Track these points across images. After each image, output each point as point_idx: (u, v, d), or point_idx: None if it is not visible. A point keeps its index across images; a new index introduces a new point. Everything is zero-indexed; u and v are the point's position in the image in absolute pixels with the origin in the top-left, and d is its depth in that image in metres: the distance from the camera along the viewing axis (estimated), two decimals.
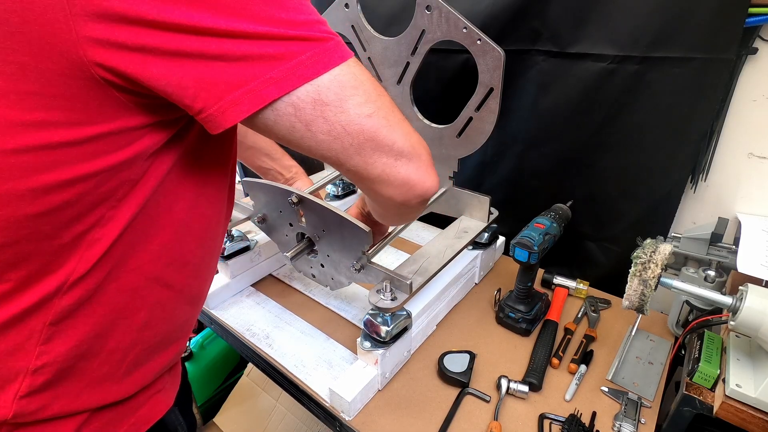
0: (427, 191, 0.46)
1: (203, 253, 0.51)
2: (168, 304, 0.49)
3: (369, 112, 0.40)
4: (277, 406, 1.36)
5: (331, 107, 0.38)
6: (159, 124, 0.39)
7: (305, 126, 0.38)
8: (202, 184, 0.47)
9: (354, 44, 0.90)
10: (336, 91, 0.38)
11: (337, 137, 0.39)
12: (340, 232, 0.71)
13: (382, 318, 0.71)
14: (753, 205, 0.83)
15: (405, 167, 0.43)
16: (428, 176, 0.46)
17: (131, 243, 0.42)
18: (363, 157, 0.41)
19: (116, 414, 0.49)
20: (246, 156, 0.87)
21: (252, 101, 0.36)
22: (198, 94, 0.35)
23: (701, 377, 0.64)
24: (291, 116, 0.38)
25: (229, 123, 0.37)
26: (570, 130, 0.94)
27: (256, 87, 0.36)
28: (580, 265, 1.05)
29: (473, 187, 0.95)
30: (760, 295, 0.57)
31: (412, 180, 0.44)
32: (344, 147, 0.40)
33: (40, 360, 0.42)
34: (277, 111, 0.37)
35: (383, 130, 0.41)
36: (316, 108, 0.38)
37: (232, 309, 0.93)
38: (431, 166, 0.46)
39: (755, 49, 0.74)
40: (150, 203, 0.42)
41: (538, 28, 0.89)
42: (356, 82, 0.39)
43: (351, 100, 0.39)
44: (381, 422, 0.70)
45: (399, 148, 0.42)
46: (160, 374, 0.54)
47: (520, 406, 0.73)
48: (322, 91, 0.38)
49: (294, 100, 0.37)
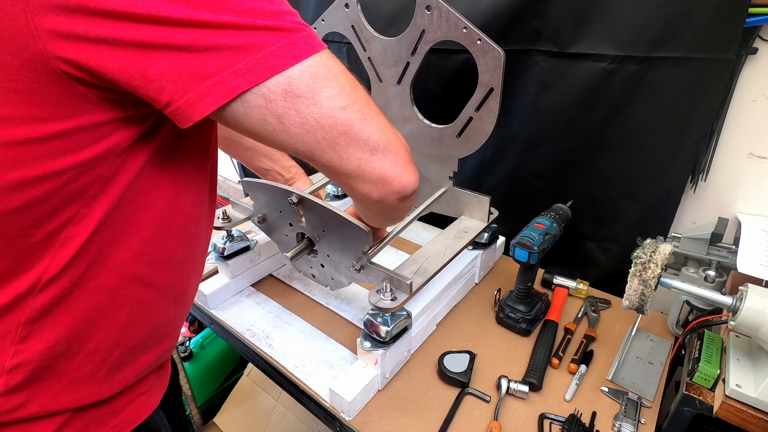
0: (404, 187, 0.45)
1: (185, 251, 0.50)
2: (150, 303, 0.48)
3: (342, 105, 0.39)
4: (277, 406, 1.36)
5: (303, 99, 0.37)
6: (129, 119, 0.38)
7: (277, 119, 0.38)
8: (179, 180, 0.46)
9: (354, 44, 0.90)
10: (308, 82, 0.37)
11: (310, 130, 0.39)
12: (340, 232, 0.71)
13: (382, 318, 0.71)
14: (753, 205, 0.83)
15: (381, 162, 0.42)
16: (406, 172, 0.44)
17: (108, 241, 0.42)
18: (337, 152, 0.40)
19: (98, 415, 0.49)
20: (245, 157, 0.87)
21: (220, 93, 0.35)
22: (164, 86, 0.34)
23: (701, 377, 0.64)
24: (262, 108, 0.37)
25: (198, 116, 0.36)
26: (570, 130, 0.94)
27: (224, 79, 0.35)
28: (580, 265, 1.05)
29: (473, 187, 0.95)
30: (760, 295, 0.57)
31: (388, 176, 0.43)
32: (317, 141, 0.39)
33: (15, 359, 0.41)
34: (247, 103, 0.36)
35: (357, 124, 0.40)
36: (288, 100, 0.37)
37: (232, 309, 0.93)
38: (410, 162, 0.45)
39: (755, 49, 0.74)
40: (125, 201, 0.41)
41: (538, 28, 0.89)
42: (329, 74, 0.38)
43: (324, 92, 0.38)
44: (381, 422, 0.70)
45: (374, 142, 0.41)
46: (144, 374, 0.53)
47: (520, 406, 0.73)
48: (294, 83, 0.37)
49: (264, 92, 0.36)
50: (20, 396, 0.43)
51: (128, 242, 0.43)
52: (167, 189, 0.45)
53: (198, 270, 0.56)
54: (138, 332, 0.49)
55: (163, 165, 0.43)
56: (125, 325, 0.47)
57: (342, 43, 1.17)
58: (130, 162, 0.40)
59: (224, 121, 0.38)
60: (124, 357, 0.48)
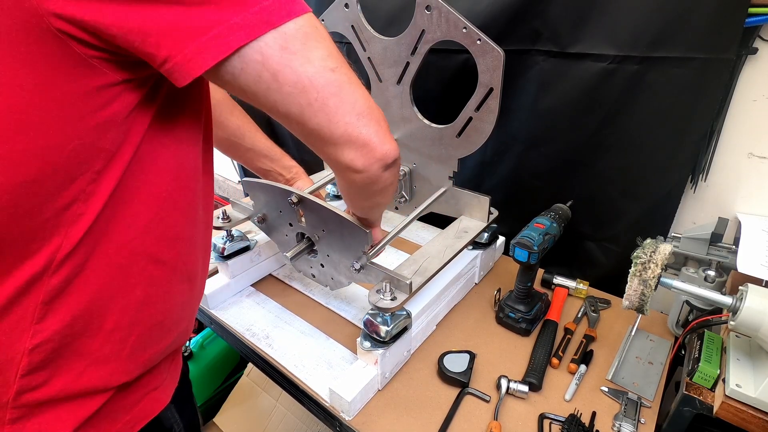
0: (386, 154, 0.46)
1: (192, 228, 0.51)
2: (163, 281, 0.49)
3: (333, 66, 0.40)
4: (277, 406, 1.36)
5: (298, 57, 0.38)
6: (127, 84, 0.38)
7: (272, 76, 0.38)
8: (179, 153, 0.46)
9: (354, 44, 0.90)
10: (302, 40, 0.38)
11: (303, 90, 0.39)
12: (340, 232, 0.71)
13: (381, 318, 0.71)
14: (753, 205, 0.83)
15: (366, 128, 0.44)
16: (387, 139, 0.46)
17: (116, 219, 0.42)
18: (327, 114, 0.41)
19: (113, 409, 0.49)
20: (246, 159, 0.87)
21: (219, 48, 0.35)
22: (161, 41, 0.34)
23: (701, 377, 0.64)
24: (258, 64, 0.37)
25: (196, 72, 0.35)
26: (570, 130, 0.94)
27: (221, 33, 0.35)
28: (580, 265, 1.05)
29: (473, 187, 0.95)
30: (760, 295, 0.57)
31: (372, 141, 0.45)
32: (309, 102, 0.40)
33: (35, 339, 0.42)
34: (244, 59, 0.36)
35: (346, 87, 0.41)
36: (284, 56, 0.37)
37: (232, 309, 0.93)
38: (388, 132, 0.47)
39: (755, 49, 0.74)
40: (129, 177, 0.42)
41: (538, 28, 0.89)
42: (319, 36, 0.39)
43: (316, 52, 0.39)
44: (381, 422, 0.70)
45: (361, 107, 0.43)
46: (163, 357, 0.54)
47: (520, 406, 0.73)
48: (289, 39, 0.37)
49: (262, 47, 0.36)
50: (43, 374, 0.44)
51: (136, 219, 0.44)
52: (168, 163, 0.45)
53: (205, 250, 0.57)
54: (153, 311, 0.49)
55: (163, 137, 0.43)
56: (140, 303, 0.47)
57: (342, 43, 1.17)
58: (131, 135, 0.40)
59: (220, 79, 0.38)
60: (144, 337, 0.49)
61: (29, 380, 0.43)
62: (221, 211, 0.91)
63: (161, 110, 0.42)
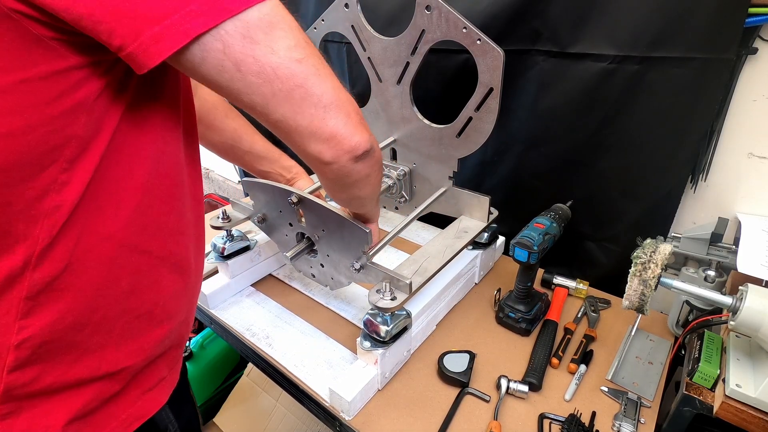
0: (356, 147, 0.45)
1: (179, 218, 0.50)
2: (151, 272, 0.48)
3: (299, 57, 0.39)
4: (277, 406, 1.36)
5: (261, 46, 0.37)
6: (94, 66, 0.36)
7: (234, 66, 0.37)
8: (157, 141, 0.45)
9: (354, 44, 0.90)
10: (265, 29, 0.37)
11: (267, 80, 0.38)
12: (340, 232, 0.71)
13: (381, 318, 0.71)
14: (753, 205, 0.83)
15: (333, 120, 0.43)
16: (357, 131, 0.45)
17: (96, 210, 0.41)
18: (292, 106, 0.40)
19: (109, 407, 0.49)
20: (245, 161, 0.86)
21: (175, 37, 0.34)
22: (114, 28, 0.32)
23: (701, 377, 0.64)
24: (219, 53, 0.36)
25: (153, 61, 0.34)
26: (570, 130, 0.94)
27: (177, 21, 0.33)
28: (580, 265, 1.05)
29: (473, 187, 0.95)
30: (760, 295, 0.57)
31: (340, 133, 0.44)
32: (273, 92, 0.39)
33: (21, 334, 0.41)
34: (204, 47, 0.35)
35: (313, 78, 0.40)
36: (246, 46, 0.36)
37: (232, 309, 0.93)
38: (361, 123, 0.46)
39: (755, 49, 0.74)
40: (106, 166, 0.41)
41: (538, 28, 0.89)
42: (285, 25, 0.38)
43: (281, 41, 0.38)
44: (381, 422, 0.70)
45: (328, 99, 0.42)
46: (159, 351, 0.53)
47: (519, 406, 0.73)
48: (251, 28, 0.36)
49: (222, 35, 0.35)
50: (33, 370, 0.43)
51: (118, 210, 0.43)
52: (146, 151, 0.44)
53: (197, 241, 0.56)
54: (141, 300, 0.48)
55: (139, 124, 0.42)
56: (127, 293, 0.46)
57: (342, 43, 1.17)
58: (105, 122, 0.39)
59: (181, 67, 0.38)
60: (132, 326, 0.48)
61: (17, 376, 0.43)
62: (221, 211, 0.91)
63: (136, 97, 0.41)
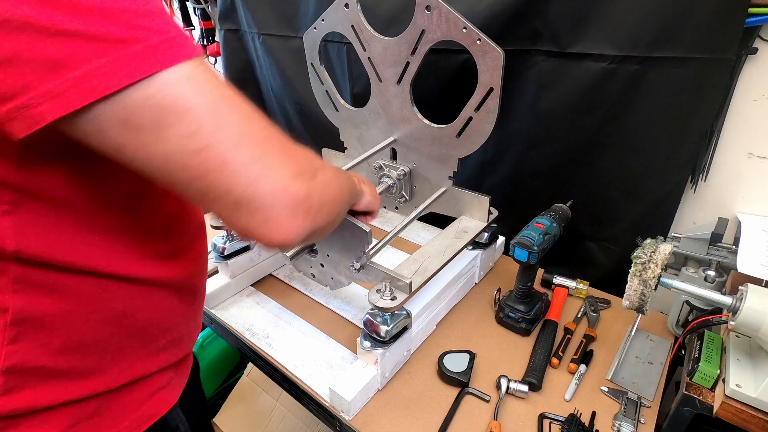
0: (277, 243, 0.37)
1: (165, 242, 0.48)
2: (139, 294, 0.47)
3: (197, 147, 0.31)
4: (277, 406, 1.36)
5: (147, 133, 0.30)
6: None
7: (116, 150, 0.31)
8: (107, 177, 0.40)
9: (354, 44, 0.90)
10: (153, 114, 0.30)
11: (159, 169, 0.32)
12: (340, 232, 0.71)
13: (381, 317, 0.71)
14: (753, 205, 0.83)
15: (245, 218, 0.35)
16: (279, 229, 0.35)
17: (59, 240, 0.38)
18: (194, 196, 0.34)
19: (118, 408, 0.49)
20: None
21: (24, 122, 0.28)
22: None
23: (701, 377, 0.64)
24: (95, 135, 0.30)
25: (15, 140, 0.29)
26: (570, 130, 0.94)
27: (27, 102, 0.27)
28: (580, 265, 1.05)
29: (473, 187, 0.95)
30: (760, 295, 0.57)
31: (254, 233, 0.35)
32: (173, 181, 0.33)
33: (8, 360, 0.41)
34: (75, 126, 0.29)
35: (214, 174, 0.32)
36: (126, 133, 0.30)
37: (232, 309, 0.93)
38: (291, 215, 0.36)
39: (755, 49, 0.74)
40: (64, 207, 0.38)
41: (538, 28, 0.89)
42: (183, 105, 0.30)
43: (173, 129, 0.30)
44: (381, 422, 0.70)
45: (237, 196, 0.33)
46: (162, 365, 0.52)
47: (519, 406, 0.73)
48: (134, 113, 0.29)
49: (95, 117, 0.29)
50: (23, 396, 0.43)
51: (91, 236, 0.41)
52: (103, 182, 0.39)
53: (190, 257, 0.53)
54: (135, 319, 0.47)
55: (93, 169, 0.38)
56: (119, 316, 0.46)
57: (342, 43, 1.17)
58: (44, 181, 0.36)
59: None
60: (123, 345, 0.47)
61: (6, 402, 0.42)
62: None
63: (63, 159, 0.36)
